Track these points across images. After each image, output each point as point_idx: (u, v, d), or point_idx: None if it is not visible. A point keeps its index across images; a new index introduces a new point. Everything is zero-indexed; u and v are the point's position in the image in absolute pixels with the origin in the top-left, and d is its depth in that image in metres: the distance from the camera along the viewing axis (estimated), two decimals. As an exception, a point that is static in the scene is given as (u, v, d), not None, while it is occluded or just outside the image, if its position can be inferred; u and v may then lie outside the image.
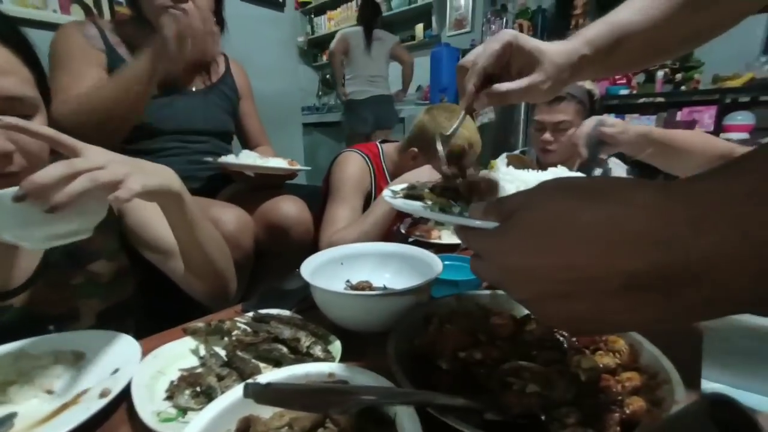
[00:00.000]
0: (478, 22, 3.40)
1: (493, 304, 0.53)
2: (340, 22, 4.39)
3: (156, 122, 0.96)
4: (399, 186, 0.47)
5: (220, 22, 1.06)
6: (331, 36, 3.45)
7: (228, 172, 1.01)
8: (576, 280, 0.23)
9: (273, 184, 1.04)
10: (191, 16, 0.76)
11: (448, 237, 1.03)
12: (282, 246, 0.92)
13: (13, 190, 0.38)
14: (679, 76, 2.42)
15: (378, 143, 1.22)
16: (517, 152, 1.54)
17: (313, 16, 4.90)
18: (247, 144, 1.25)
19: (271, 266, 0.94)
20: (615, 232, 0.21)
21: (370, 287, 0.65)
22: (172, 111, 0.99)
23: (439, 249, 0.88)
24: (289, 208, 0.92)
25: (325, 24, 4.76)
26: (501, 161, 0.46)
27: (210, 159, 0.94)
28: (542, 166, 0.55)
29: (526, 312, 0.53)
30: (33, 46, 0.52)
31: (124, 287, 0.65)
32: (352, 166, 1.11)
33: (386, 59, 3.15)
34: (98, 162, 0.42)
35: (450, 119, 1.03)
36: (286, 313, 0.58)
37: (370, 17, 3.05)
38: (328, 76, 3.75)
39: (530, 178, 0.42)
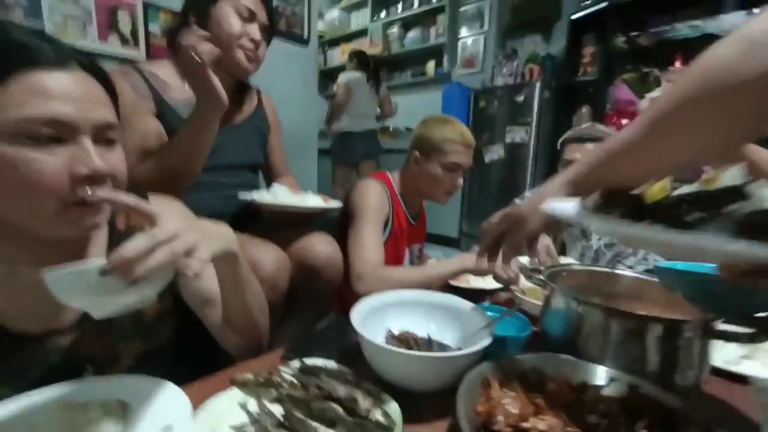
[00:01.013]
0: (489, 63, 3.53)
1: (546, 367, 0.53)
2: (354, 56, 4.55)
3: None
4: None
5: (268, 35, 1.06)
6: (341, 68, 3.58)
7: (257, 207, 1.00)
8: None
9: (303, 221, 1.03)
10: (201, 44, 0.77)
11: (476, 281, 1.02)
12: (311, 287, 0.91)
13: (98, 263, 0.38)
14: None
15: (386, 172, 1.28)
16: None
17: (326, 48, 5.08)
18: (271, 175, 1.24)
19: (297, 307, 0.92)
20: None
21: (414, 338, 0.64)
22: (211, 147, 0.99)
23: (467, 294, 0.88)
24: (324, 248, 0.91)
25: (337, 56, 4.93)
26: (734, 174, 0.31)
27: (247, 198, 0.93)
28: None
29: (582, 379, 0.52)
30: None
31: (166, 329, 0.64)
32: (373, 192, 1.14)
33: (377, 101, 3.35)
34: (174, 231, 0.42)
35: (442, 127, 1.18)
36: (332, 363, 0.57)
37: (373, 66, 3.23)
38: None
39: None
